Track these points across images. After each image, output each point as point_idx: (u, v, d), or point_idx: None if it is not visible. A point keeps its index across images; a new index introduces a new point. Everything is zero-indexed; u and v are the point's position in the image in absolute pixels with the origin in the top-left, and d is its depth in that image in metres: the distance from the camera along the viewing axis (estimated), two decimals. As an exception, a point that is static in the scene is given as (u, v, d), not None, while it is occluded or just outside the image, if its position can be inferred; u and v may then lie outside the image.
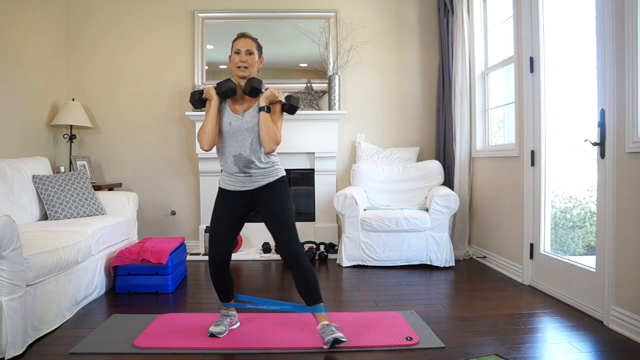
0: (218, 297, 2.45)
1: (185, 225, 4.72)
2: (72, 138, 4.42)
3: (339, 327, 2.25)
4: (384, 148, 4.65)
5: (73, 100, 4.40)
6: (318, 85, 4.63)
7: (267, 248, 4.36)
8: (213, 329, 2.36)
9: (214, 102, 2.31)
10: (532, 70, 3.29)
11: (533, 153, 3.29)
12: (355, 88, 4.74)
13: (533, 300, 2.97)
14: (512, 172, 3.56)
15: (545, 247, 3.22)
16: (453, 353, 2.17)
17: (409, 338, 2.30)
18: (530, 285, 3.30)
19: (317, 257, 4.21)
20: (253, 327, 2.49)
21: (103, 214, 3.64)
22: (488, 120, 4.22)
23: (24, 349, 2.18)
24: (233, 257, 2.64)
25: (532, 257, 3.32)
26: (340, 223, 4.15)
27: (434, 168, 4.37)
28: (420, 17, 4.75)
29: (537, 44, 3.23)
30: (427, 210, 3.96)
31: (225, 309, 2.47)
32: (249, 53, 2.31)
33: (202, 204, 4.57)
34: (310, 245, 4.27)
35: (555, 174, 3.21)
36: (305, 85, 4.57)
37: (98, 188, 4.08)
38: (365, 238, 3.90)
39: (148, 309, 2.85)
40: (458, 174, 4.30)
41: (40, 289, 2.40)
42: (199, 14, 4.65)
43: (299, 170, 4.68)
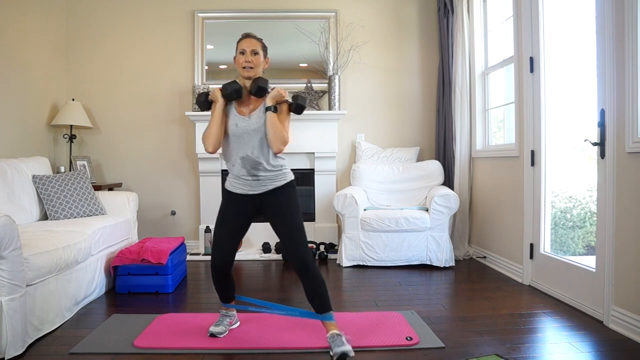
0: (219, 297, 2.45)
1: (185, 225, 4.73)
2: (72, 138, 4.42)
3: (349, 338, 2.17)
4: (384, 148, 4.65)
5: (73, 100, 4.40)
6: (318, 85, 4.63)
7: (267, 248, 4.36)
8: (213, 329, 2.36)
9: (219, 103, 2.26)
10: (532, 70, 3.29)
11: (533, 153, 3.29)
12: (355, 88, 4.74)
13: (533, 300, 2.97)
14: (512, 172, 3.56)
15: (545, 247, 3.22)
16: (453, 353, 2.17)
17: (409, 338, 2.30)
18: (530, 285, 3.30)
19: (317, 257, 4.21)
20: (253, 327, 2.49)
21: (103, 214, 3.64)
22: (488, 120, 4.22)
23: (24, 349, 2.18)
24: (233, 257, 2.63)
25: (532, 257, 3.32)
26: (340, 223, 4.15)
27: (434, 168, 4.37)
28: (420, 17, 4.75)
29: (537, 44, 3.23)
30: (427, 210, 3.96)
31: (226, 309, 2.46)
32: (254, 53, 2.26)
33: (202, 204, 4.58)
34: (311, 245, 4.27)
35: (555, 174, 3.21)
36: (305, 85, 4.57)
37: (98, 188, 4.08)
38: (365, 238, 3.90)
39: (148, 309, 2.85)
40: (458, 174, 4.30)
41: (40, 289, 2.40)
42: (199, 14, 4.65)
43: (299, 170, 4.67)
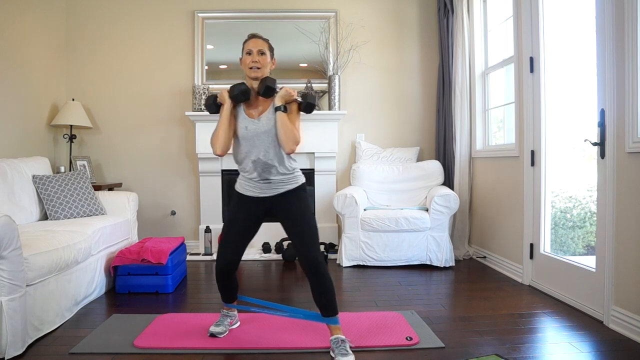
0: (221, 297, 2.44)
1: (185, 225, 4.73)
2: (72, 138, 4.42)
3: (353, 346, 2.18)
4: (384, 148, 4.65)
5: (73, 100, 4.40)
6: (318, 85, 4.63)
7: (267, 248, 4.36)
8: (213, 329, 2.36)
9: (227, 105, 2.23)
10: (532, 70, 3.29)
11: (533, 153, 3.29)
12: (355, 88, 4.74)
13: (533, 300, 2.97)
14: (512, 172, 3.56)
15: (545, 247, 3.22)
16: (453, 353, 2.17)
17: (409, 338, 2.30)
18: (530, 285, 3.30)
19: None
20: (253, 327, 2.49)
21: (103, 214, 3.64)
22: (488, 120, 4.22)
23: (24, 349, 2.18)
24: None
25: (532, 257, 3.32)
26: (340, 223, 4.15)
27: (434, 168, 4.37)
28: (420, 17, 4.75)
29: (537, 44, 3.23)
30: (427, 210, 3.96)
31: (227, 309, 2.46)
32: (261, 53, 2.22)
33: (202, 204, 4.58)
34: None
35: (555, 174, 3.21)
36: (305, 85, 4.56)
37: (98, 188, 4.08)
38: (365, 238, 3.90)
39: (148, 309, 2.85)
40: (458, 174, 4.30)
41: (40, 289, 2.40)
42: (199, 14, 4.65)
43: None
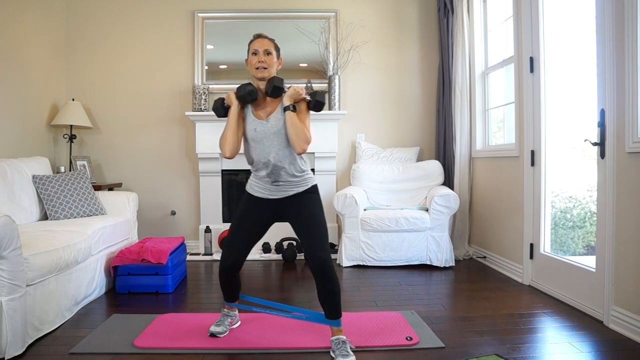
0: (223, 296, 2.44)
1: (185, 225, 4.72)
2: (72, 138, 4.42)
3: (353, 347, 2.18)
4: (384, 148, 4.65)
5: (73, 100, 4.40)
6: (318, 85, 4.62)
7: (267, 248, 4.36)
8: (213, 329, 2.36)
9: (234, 107, 2.21)
10: (532, 70, 3.29)
11: (533, 153, 3.29)
12: (355, 88, 4.74)
13: (533, 300, 2.97)
14: (512, 172, 3.56)
15: (545, 247, 3.22)
16: (453, 353, 2.17)
17: (409, 338, 2.30)
18: (530, 285, 3.30)
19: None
20: (254, 327, 2.49)
21: (103, 214, 3.64)
22: (488, 120, 4.22)
23: (24, 349, 2.18)
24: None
25: (532, 257, 3.32)
26: (340, 223, 4.15)
27: (434, 168, 4.37)
28: (420, 17, 4.75)
29: (537, 44, 3.23)
30: (427, 210, 3.96)
31: (228, 309, 2.46)
32: (267, 53, 2.20)
33: (202, 204, 4.58)
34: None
35: (555, 174, 3.21)
36: (305, 85, 4.56)
37: (98, 188, 4.08)
38: (365, 238, 3.90)
39: (148, 309, 2.85)
40: (458, 174, 4.30)
41: (40, 289, 2.40)
42: (199, 14, 4.65)
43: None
